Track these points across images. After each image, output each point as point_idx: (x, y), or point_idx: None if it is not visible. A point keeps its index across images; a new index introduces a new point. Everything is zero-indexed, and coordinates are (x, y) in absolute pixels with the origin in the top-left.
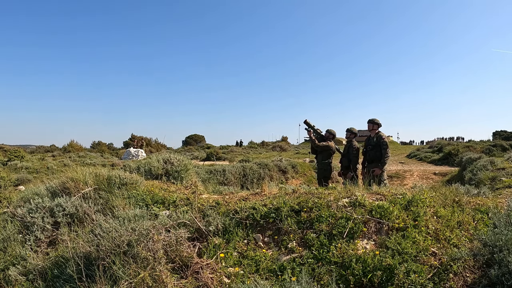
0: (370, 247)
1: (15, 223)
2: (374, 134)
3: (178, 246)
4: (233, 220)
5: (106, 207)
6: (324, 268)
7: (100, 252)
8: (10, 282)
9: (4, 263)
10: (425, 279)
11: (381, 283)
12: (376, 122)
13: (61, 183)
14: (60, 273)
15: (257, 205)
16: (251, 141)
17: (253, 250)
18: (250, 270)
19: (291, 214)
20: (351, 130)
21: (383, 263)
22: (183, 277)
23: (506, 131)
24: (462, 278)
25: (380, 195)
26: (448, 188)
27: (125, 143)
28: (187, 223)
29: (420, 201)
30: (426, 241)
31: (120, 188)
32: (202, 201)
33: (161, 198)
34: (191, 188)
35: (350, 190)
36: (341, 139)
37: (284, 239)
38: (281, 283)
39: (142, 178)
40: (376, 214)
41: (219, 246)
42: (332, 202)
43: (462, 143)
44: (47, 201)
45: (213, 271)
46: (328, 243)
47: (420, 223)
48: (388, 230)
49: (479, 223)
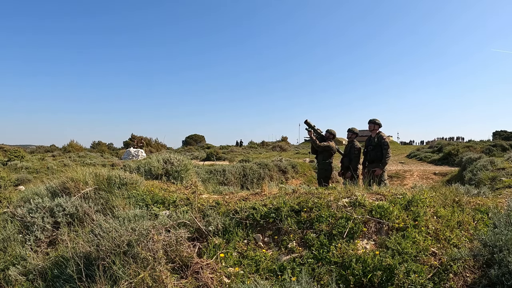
0: (370, 247)
1: (15, 223)
2: (375, 134)
3: (178, 246)
4: (233, 220)
5: (106, 207)
6: (324, 268)
7: (100, 252)
8: (10, 282)
9: (4, 263)
10: (425, 279)
11: (381, 283)
12: (377, 123)
13: (61, 183)
14: (60, 273)
15: (257, 205)
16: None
17: (253, 250)
18: (250, 270)
19: (291, 214)
20: (352, 130)
21: (383, 263)
22: (183, 277)
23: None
24: (462, 278)
25: (380, 195)
26: (448, 188)
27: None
28: (187, 223)
29: (420, 201)
30: (426, 241)
31: (120, 188)
32: (202, 201)
33: (161, 198)
34: (191, 188)
35: (350, 190)
36: (341, 139)
37: (284, 239)
38: (281, 283)
39: (142, 178)
40: (376, 214)
41: (219, 246)
42: (332, 202)
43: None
44: (47, 201)
45: (213, 271)
46: (328, 243)
47: (420, 223)
48: (388, 230)
49: (479, 223)
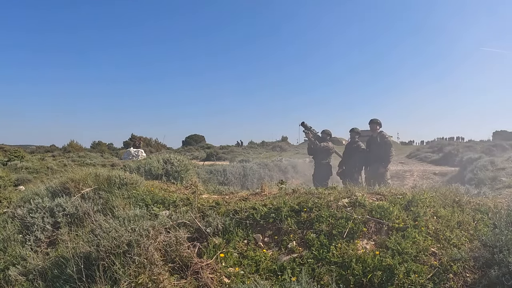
0: (370, 247)
1: (15, 223)
2: (377, 133)
3: (178, 246)
4: (233, 220)
5: (106, 207)
6: (324, 268)
7: (100, 252)
8: (10, 282)
9: (4, 263)
10: (425, 279)
11: (381, 283)
12: (378, 122)
13: (61, 183)
14: (60, 273)
15: (257, 205)
16: (251, 141)
17: (253, 250)
18: (250, 270)
19: (291, 214)
20: (355, 131)
21: (383, 263)
22: (183, 277)
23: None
24: (462, 278)
25: (380, 195)
26: (448, 188)
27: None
28: (187, 223)
29: (420, 201)
30: (426, 241)
31: (120, 188)
32: (202, 201)
33: (161, 198)
34: (191, 188)
35: (350, 190)
36: (341, 139)
37: (284, 239)
38: (281, 283)
39: (142, 178)
40: (376, 214)
41: (219, 246)
42: (332, 202)
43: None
44: (47, 201)
45: (213, 271)
46: (328, 243)
47: (420, 223)
48: (388, 230)
49: (479, 223)
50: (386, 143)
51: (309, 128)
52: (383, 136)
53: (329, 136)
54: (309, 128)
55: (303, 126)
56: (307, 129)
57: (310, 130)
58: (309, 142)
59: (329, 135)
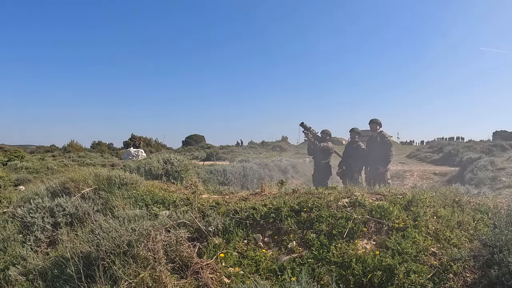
0: (370, 247)
1: (15, 223)
2: (377, 133)
3: (178, 246)
4: (233, 220)
5: (106, 207)
6: (324, 268)
7: (100, 252)
8: (10, 282)
9: (4, 263)
10: (425, 279)
11: (381, 283)
12: (378, 122)
13: (61, 183)
14: (60, 273)
15: (257, 205)
16: (251, 141)
17: (253, 250)
18: (250, 270)
19: (291, 214)
20: (355, 131)
21: (383, 263)
22: (183, 277)
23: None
24: (462, 278)
25: (380, 195)
26: (448, 188)
27: (125, 143)
28: (187, 223)
29: (420, 201)
30: (426, 241)
31: (120, 188)
32: (202, 201)
33: (161, 198)
34: (191, 188)
35: (350, 190)
36: (341, 139)
37: (284, 239)
38: (281, 283)
39: (142, 178)
40: (376, 214)
41: (219, 246)
42: (332, 202)
43: (462, 143)
44: (47, 201)
45: (213, 271)
46: (328, 243)
47: (420, 223)
48: (388, 230)
49: (479, 223)
50: (386, 143)
51: (309, 128)
52: (383, 136)
53: (329, 136)
54: (309, 128)
55: (302, 127)
56: (306, 129)
57: (310, 130)
58: (309, 142)
59: (328, 135)
